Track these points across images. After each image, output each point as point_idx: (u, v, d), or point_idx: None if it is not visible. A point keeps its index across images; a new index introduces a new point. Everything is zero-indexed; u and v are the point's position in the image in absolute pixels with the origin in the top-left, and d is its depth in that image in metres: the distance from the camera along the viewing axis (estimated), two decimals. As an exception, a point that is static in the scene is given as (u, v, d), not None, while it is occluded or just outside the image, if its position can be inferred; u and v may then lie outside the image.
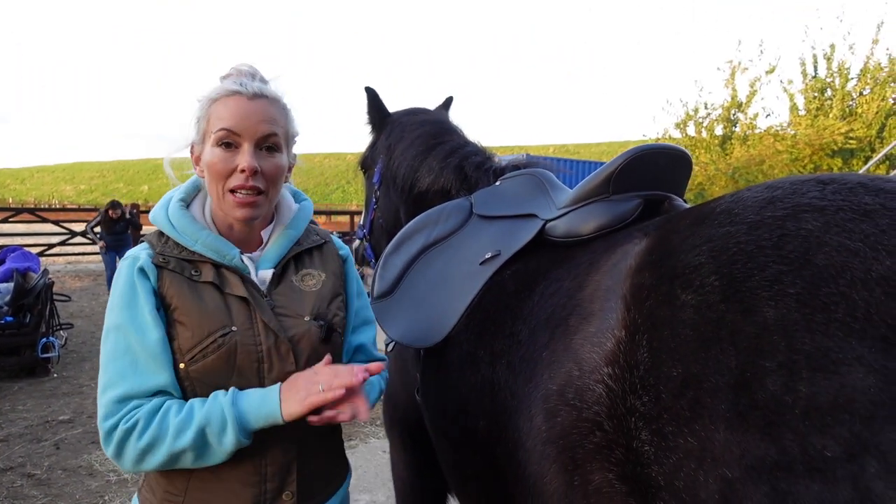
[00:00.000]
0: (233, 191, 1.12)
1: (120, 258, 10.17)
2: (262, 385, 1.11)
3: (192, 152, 1.20)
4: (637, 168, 1.34)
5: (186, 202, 1.22)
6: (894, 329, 0.67)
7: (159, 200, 1.23)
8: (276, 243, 1.22)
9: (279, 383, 1.09)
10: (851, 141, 13.84)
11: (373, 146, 2.33)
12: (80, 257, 15.34)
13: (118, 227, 10.22)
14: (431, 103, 2.46)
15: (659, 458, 0.84)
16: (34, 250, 12.44)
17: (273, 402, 1.05)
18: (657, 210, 1.34)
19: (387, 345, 1.65)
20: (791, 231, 0.81)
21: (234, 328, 1.10)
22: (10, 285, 5.62)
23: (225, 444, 1.04)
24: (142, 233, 14.38)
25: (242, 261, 1.17)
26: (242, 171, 1.10)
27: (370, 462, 3.94)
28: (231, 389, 1.07)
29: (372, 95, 2.29)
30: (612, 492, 0.95)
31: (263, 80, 1.19)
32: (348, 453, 4.04)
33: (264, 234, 1.23)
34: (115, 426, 1.03)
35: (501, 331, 1.28)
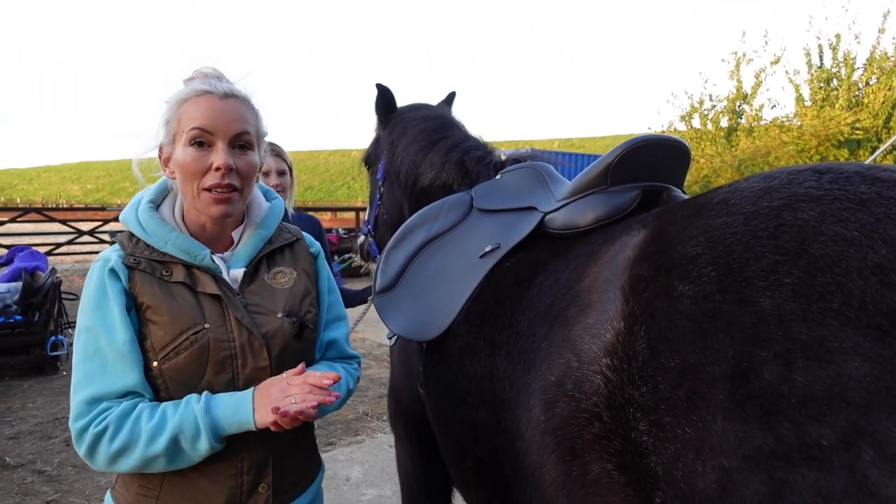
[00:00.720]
0: (208, 189, 1.13)
1: None
2: (235, 381, 1.13)
3: (160, 154, 1.20)
4: (635, 159, 1.34)
5: (156, 203, 1.22)
6: (889, 318, 0.67)
7: (129, 201, 1.24)
8: (247, 243, 1.23)
9: (252, 388, 1.10)
10: (858, 131, 13.73)
11: (376, 142, 2.34)
12: (87, 256, 15.42)
13: None
14: (437, 100, 2.46)
15: (657, 448, 0.84)
16: (42, 249, 12.53)
17: (246, 410, 1.06)
18: (655, 201, 1.34)
19: (389, 339, 1.66)
20: (787, 221, 0.81)
21: (206, 325, 1.11)
22: (19, 284, 5.66)
23: (199, 449, 1.05)
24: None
25: (213, 260, 1.17)
26: (217, 168, 1.11)
27: (377, 457, 3.96)
28: (204, 395, 1.08)
29: (383, 92, 2.28)
30: (611, 482, 0.95)
31: (229, 82, 1.20)
32: (355, 448, 4.07)
33: (235, 234, 1.24)
34: (86, 428, 1.04)
35: (501, 322, 1.28)
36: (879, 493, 0.63)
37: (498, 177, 1.75)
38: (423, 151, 2.06)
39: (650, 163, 1.35)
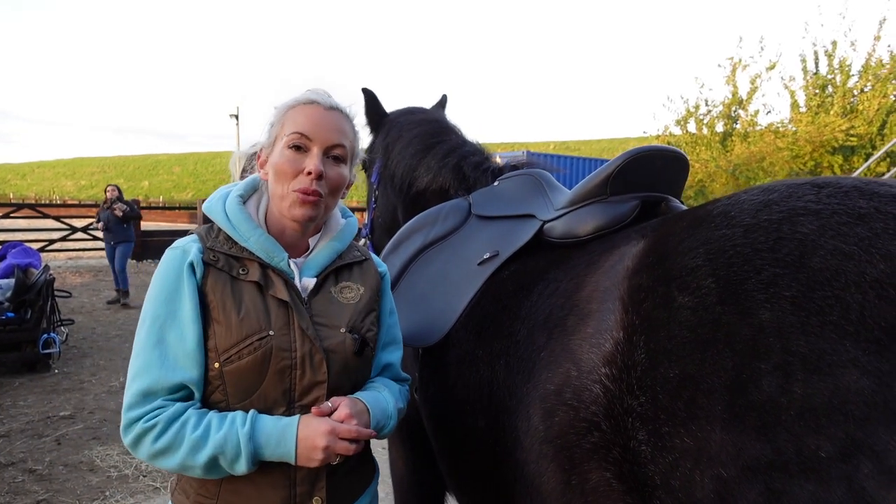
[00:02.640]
0: (296, 191, 1.15)
1: (123, 252, 9.27)
2: (291, 392, 1.12)
3: (259, 155, 1.23)
4: (634, 170, 1.35)
5: (244, 198, 1.24)
6: (888, 332, 0.68)
7: (214, 192, 1.25)
8: (321, 252, 1.24)
9: (297, 418, 1.09)
10: (852, 138, 13.82)
11: (371, 147, 2.34)
12: (80, 253, 15.35)
13: (109, 217, 9.40)
14: (432, 102, 2.46)
15: (655, 458, 0.85)
16: (35, 246, 12.46)
17: (289, 445, 1.06)
18: (654, 211, 1.35)
19: None
20: (787, 234, 0.82)
21: (271, 332, 1.10)
22: (12, 281, 5.63)
23: (237, 470, 1.06)
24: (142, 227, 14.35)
25: (289, 265, 1.18)
26: (309, 173, 1.13)
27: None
28: (249, 417, 1.08)
29: (370, 97, 2.29)
30: (609, 491, 0.96)
31: (337, 101, 1.23)
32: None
33: (311, 241, 1.25)
34: (136, 420, 1.06)
35: (500, 331, 1.29)
36: None
37: (496, 183, 1.75)
38: (419, 155, 2.06)
39: (649, 173, 1.36)
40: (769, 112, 15.94)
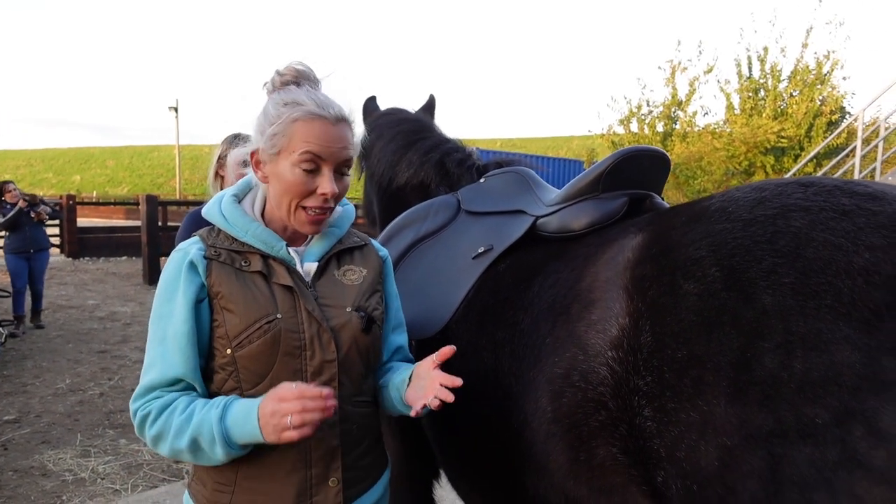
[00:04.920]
0: (305, 208, 1.18)
1: (32, 264, 7.13)
2: (303, 372, 1.15)
3: (253, 154, 1.22)
4: (624, 168, 1.44)
5: (239, 198, 1.28)
6: (875, 312, 0.79)
7: (213, 198, 1.29)
8: (320, 239, 1.27)
9: (261, 399, 1.08)
10: (783, 140, 14.63)
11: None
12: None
13: (23, 220, 7.11)
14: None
15: (661, 432, 0.93)
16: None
17: (253, 424, 1.06)
18: (640, 207, 1.45)
19: None
20: (782, 228, 0.91)
21: (278, 315, 1.14)
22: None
23: (217, 454, 1.08)
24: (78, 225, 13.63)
25: (289, 252, 1.21)
26: (324, 194, 1.16)
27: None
28: (224, 401, 1.10)
29: (372, 105, 2.36)
30: (616, 464, 1.04)
31: (335, 103, 1.21)
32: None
33: None
34: (136, 410, 1.13)
35: (502, 320, 1.35)
36: (866, 463, 0.74)
37: (482, 180, 1.82)
38: (400, 151, 2.10)
39: (637, 172, 1.45)
40: (706, 113, 16.67)
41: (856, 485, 0.74)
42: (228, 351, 1.14)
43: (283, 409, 1.02)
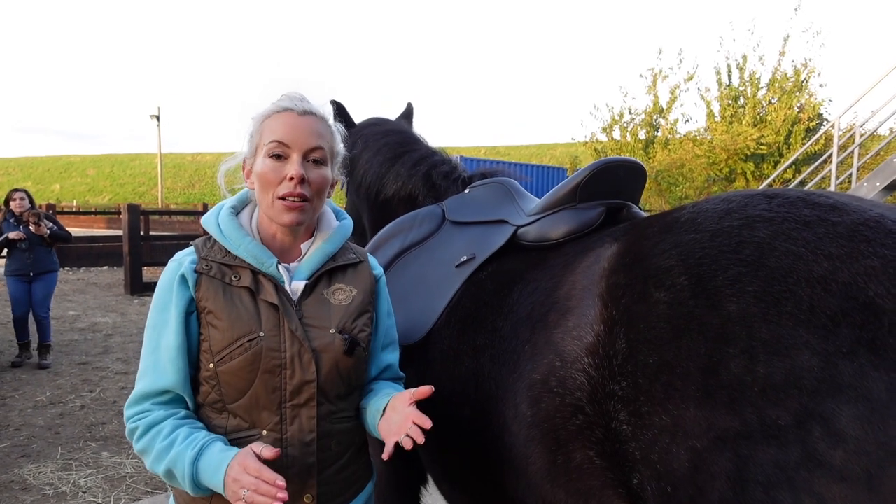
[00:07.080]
0: (282, 198, 1.19)
1: (47, 287, 6.28)
2: (282, 391, 1.18)
3: (244, 167, 1.28)
4: (600, 179, 1.48)
5: (237, 210, 1.30)
6: (832, 319, 0.83)
7: (213, 207, 1.31)
8: (311, 256, 1.28)
9: (235, 452, 1.08)
10: (762, 146, 14.88)
11: None
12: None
13: (31, 238, 6.09)
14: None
15: (636, 435, 0.97)
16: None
17: (219, 479, 1.07)
18: (617, 216, 1.49)
19: None
20: (746, 238, 0.96)
21: (261, 333, 1.16)
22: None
23: (188, 489, 1.11)
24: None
25: (279, 270, 1.23)
26: (291, 178, 1.18)
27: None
28: (201, 441, 1.10)
29: (338, 109, 2.34)
30: (593, 467, 1.07)
31: (310, 103, 1.28)
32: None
33: (303, 246, 1.30)
34: (128, 419, 1.17)
35: (483, 327, 1.39)
36: (825, 462, 0.78)
37: (467, 191, 1.86)
38: (388, 163, 2.13)
39: (613, 182, 1.50)
40: (687, 121, 16.94)
41: (816, 483, 0.78)
42: (211, 365, 1.17)
43: (243, 481, 1.03)
